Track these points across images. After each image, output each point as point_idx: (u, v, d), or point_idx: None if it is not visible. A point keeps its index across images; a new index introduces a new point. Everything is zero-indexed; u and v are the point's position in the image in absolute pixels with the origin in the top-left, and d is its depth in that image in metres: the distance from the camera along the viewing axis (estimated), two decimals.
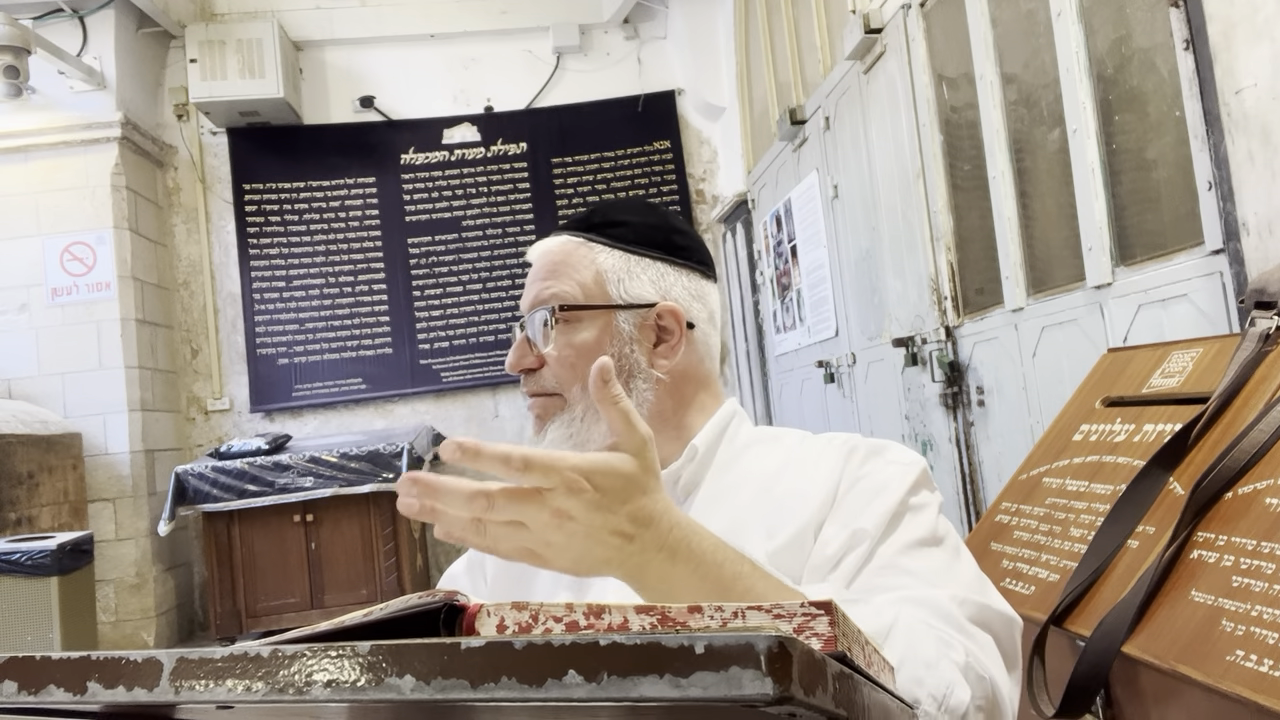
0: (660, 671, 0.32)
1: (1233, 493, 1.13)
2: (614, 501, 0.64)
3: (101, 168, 5.01)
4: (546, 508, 0.62)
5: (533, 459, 0.61)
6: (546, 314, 0.99)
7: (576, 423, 0.97)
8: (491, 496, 0.61)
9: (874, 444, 0.96)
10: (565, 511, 0.62)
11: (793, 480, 0.94)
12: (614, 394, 0.66)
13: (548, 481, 0.62)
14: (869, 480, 0.91)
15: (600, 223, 1.04)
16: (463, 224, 5.79)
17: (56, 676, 0.35)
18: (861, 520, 0.87)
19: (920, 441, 3.22)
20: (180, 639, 5.19)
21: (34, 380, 4.89)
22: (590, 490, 0.63)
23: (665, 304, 1.01)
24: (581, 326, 0.99)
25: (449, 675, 0.32)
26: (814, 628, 0.44)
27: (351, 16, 5.77)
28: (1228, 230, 1.76)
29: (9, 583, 3.26)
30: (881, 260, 3.48)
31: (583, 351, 0.98)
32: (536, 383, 1.01)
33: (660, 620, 0.44)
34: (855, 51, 3.44)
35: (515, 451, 0.61)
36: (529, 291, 1.03)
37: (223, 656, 0.33)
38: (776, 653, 0.32)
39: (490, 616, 0.45)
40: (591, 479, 0.63)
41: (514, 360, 1.02)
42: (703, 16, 5.71)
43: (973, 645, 0.77)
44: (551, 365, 0.99)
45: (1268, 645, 0.94)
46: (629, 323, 1.00)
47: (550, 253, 1.03)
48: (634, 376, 0.99)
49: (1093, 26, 2.24)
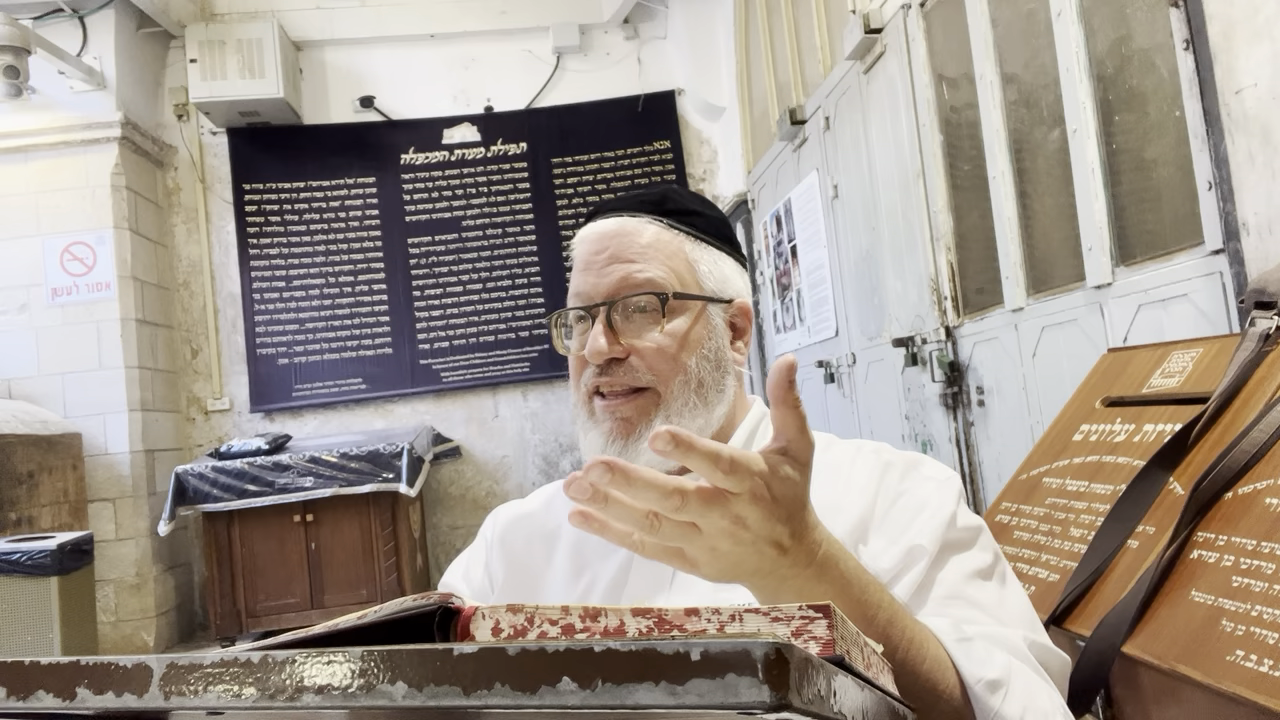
0: (656, 678, 0.31)
1: (1233, 493, 1.13)
2: (784, 512, 0.62)
3: (101, 168, 5.01)
4: (729, 513, 0.60)
5: (738, 460, 0.59)
6: (654, 299, 0.92)
7: (675, 418, 0.92)
8: (686, 495, 0.58)
9: (908, 458, 0.94)
10: (743, 519, 0.60)
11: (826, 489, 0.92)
12: (797, 395, 0.62)
13: (739, 486, 0.59)
14: (909, 496, 0.90)
15: (675, 209, 0.99)
16: (463, 224, 5.79)
17: (46, 682, 0.34)
18: (912, 536, 0.85)
19: (920, 441, 3.22)
20: (180, 639, 5.19)
21: (34, 380, 4.89)
22: (770, 499, 0.61)
23: (741, 301, 1.00)
24: (682, 316, 0.94)
25: (441, 682, 0.31)
26: (812, 630, 0.44)
27: (351, 16, 5.77)
28: (1228, 230, 1.76)
29: (9, 583, 3.26)
30: (881, 260, 3.48)
31: (685, 342, 0.93)
32: (625, 375, 0.92)
33: (657, 623, 0.43)
34: (855, 51, 3.44)
35: (724, 450, 0.59)
36: (610, 273, 0.94)
37: (213, 662, 0.33)
38: (773, 659, 0.31)
39: (485, 619, 0.45)
40: (771, 487, 0.61)
41: (603, 347, 0.91)
42: (703, 16, 5.70)
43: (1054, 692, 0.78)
44: (648, 355, 0.92)
45: (1268, 645, 0.93)
46: (718, 315, 0.98)
47: (632, 234, 0.95)
48: (726, 372, 0.97)
49: (1093, 26, 2.23)
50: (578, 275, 0.97)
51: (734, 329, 1.00)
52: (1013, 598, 0.86)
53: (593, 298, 0.94)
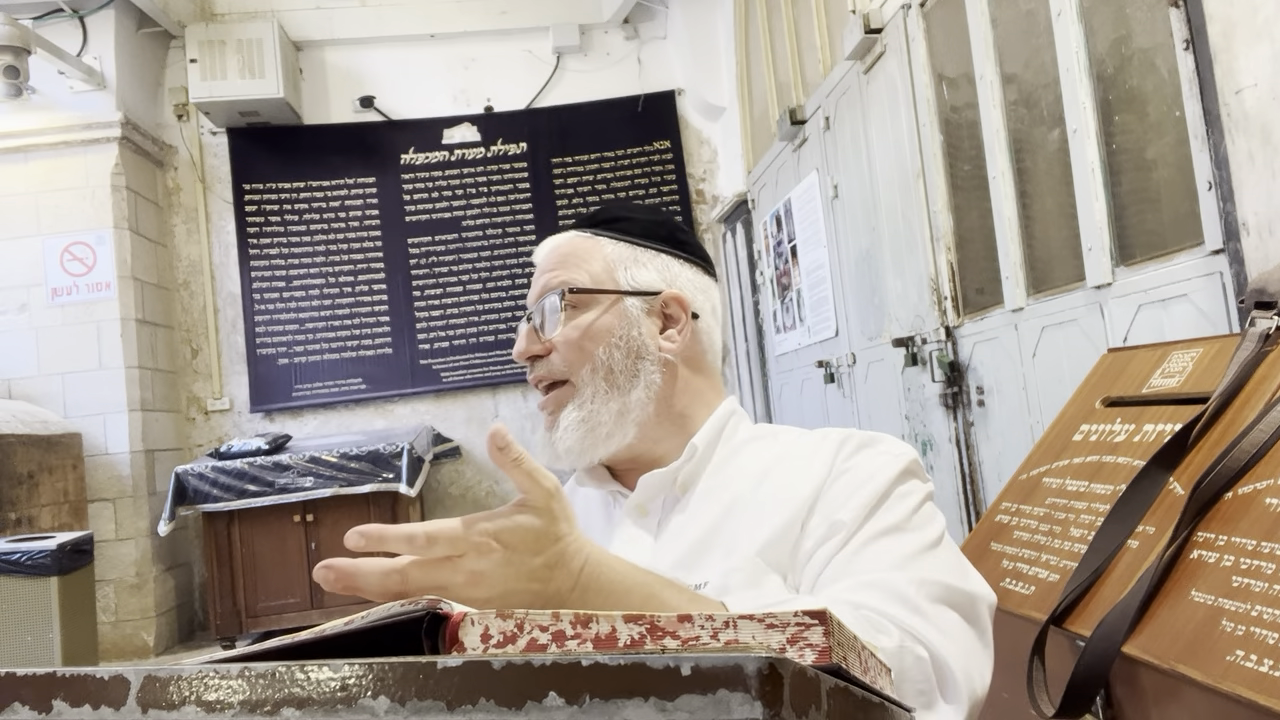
0: (645, 694, 0.31)
1: (1233, 493, 1.13)
2: (524, 555, 0.67)
3: (101, 168, 5.00)
4: (460, 571, 0.65)
5: (434, 534, 0.65)
6: (556, 298, 1.01)
7: (587, 405, 0.99)
8: (404, 572, 0.64)
9: (866, 436, 0.97)
10: (479, 572, 0.66)
11: (784, 474, 0.96)
12: (514, 456, 0.68)
13: (456, 550, 0.65)
14: (855, 472, 0.92)
15: (605, 219, 1.08)
16: (463, 224, 5.78)
17: (21, 694, 0.34)
18: (841, 512, 0.88)
19: (920, 441, 3.22)
20: (180, 639, 5.19)
21: (34, 380, 4.88)
22: (500, 549, 0.66)
23: (670, 291, 1.04)
24: (590, 310, 1.02)
25: (425, 696, 0.31)
26: (808, 638, 0.43)
27: (351, 16, 5.76)
28: (1228, 230, 1.75)
29: (9, 583, 3.25)
30: (881, 260, 3.47)
31: (590, 333, 1.01)
32: (544, 368, 1.02)
33: (649, 630, 0.43)
34: (855, 51, 3.43)
35: (418, 530, 0.65)
36: (536, 283, 1.05)
37: (191, 675, 0.32)
38: (767, 674, 0.31)
39: (474, 626, 0.44)
40: (499, 538, 0.66)
41: (522, 347, 1.04)
42: (703, 16, 5.70)
43: (923, 625, 0.78)
44: (559, 349, 1.01)
45: (1268, 645, 0.93)
46: (637, 307, 1.02)
47: (558, 247, 1.06)
48: (641, 358, 1.01)
49: (1093, 26, 2.23)
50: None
51: (667, 318, 1.04)
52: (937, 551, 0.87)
53: (528, 306, 1.07)
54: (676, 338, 1.03)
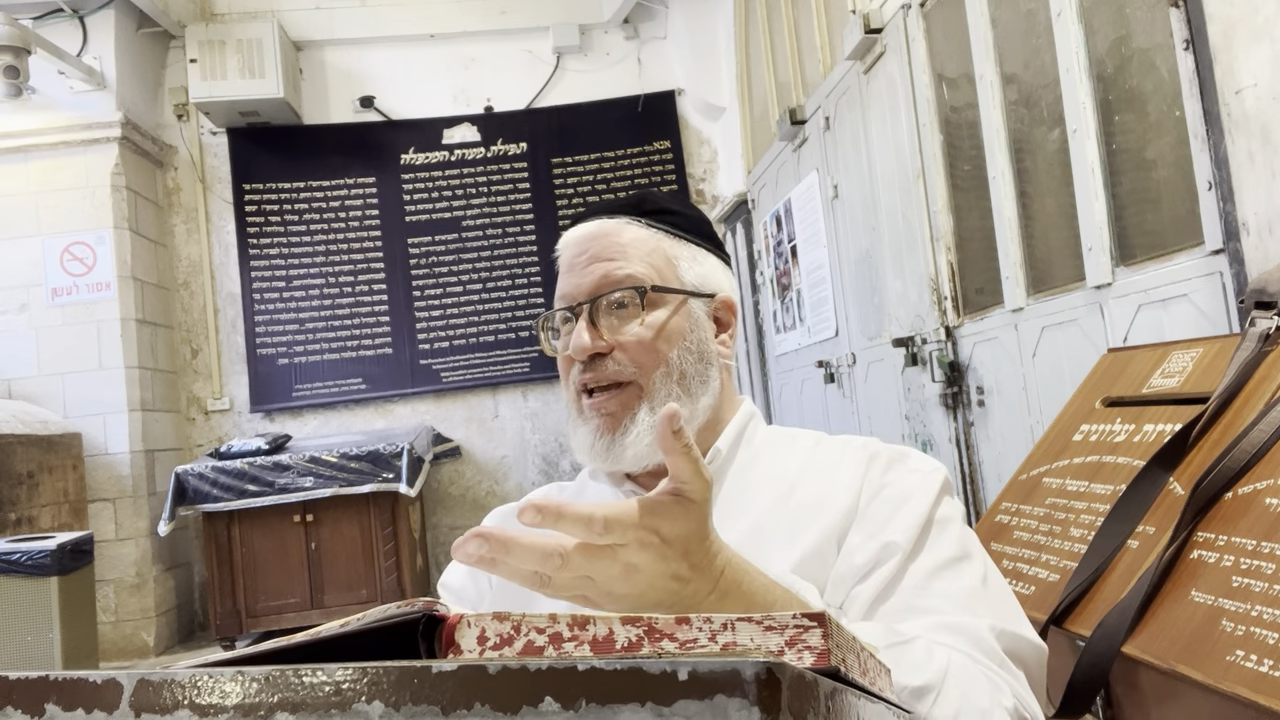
0: (641, 699, 0.30)
1: (1233, 493, 1.13)
2: (678, 550, 0.63)
3: (101, 168, 5.00)
4: (617, 563, 0.62)
5: (612, 520, 0.60)
6: (631, 293, 0.94)
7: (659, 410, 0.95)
8: (566, 556, 0.60)
9: (894, 450, 0.95)
10: (634, 565, 0.62)
11: (813, 485, 0.93)
12: (685, 441, 0.62)
13: (623, 539, 0.61)
14: (892, 489, 0.90)
15: (653, 209, 1.01)
16: (463, 224, 5.78)
17: (14, 697, 0.34)
18: (889, 532, 0.86)
19: (920, 441, 3.21)
20: (180, 639, 5.19)
21: (34, 380, 4.88)
22: (659, 542, 0.62)
23: (724, 295, 1.02)
24: (660, 309, 0.96)
25: (419, 701, 0.31)
26: (806, 640, 0.43)
27: (351, 16, 5.76)
28: (1228, 230, 1.75)
29: (9, 583, 3.25)
30: (881, 260, 3.47)
31: (665, 334, 0.95)
32: (606, 369, 0.94)
33: (647, 632, 0.43)
34: (855, 51, 3.43)
35: (597, 513, 0.60)
36: (591, 272, 0.96)
37: (185, 679, 0.32)
38: (765, 679, 0.30)
39: (471, 628, 0.44)
40: (660, 531, 0.62)
41: (587, 343, 0.93)
42: (703, 16, 5.70)
43: (1015, 683, 0.77)
44: (629, 349, 0.94)
45: (1268, 645, 0.93)
46: (700, 309, 0.99)
47: (611, 234, 0.98)
48: (710, 364, 0.98)
49: (1093, 26, 2.23)
50: (562, 278, 1.00)
51: (718, 323, 1.01)
52: (992, 586, 0.86)
53: (576, 297, 0.97)
54: (729, 342, 1.00)
